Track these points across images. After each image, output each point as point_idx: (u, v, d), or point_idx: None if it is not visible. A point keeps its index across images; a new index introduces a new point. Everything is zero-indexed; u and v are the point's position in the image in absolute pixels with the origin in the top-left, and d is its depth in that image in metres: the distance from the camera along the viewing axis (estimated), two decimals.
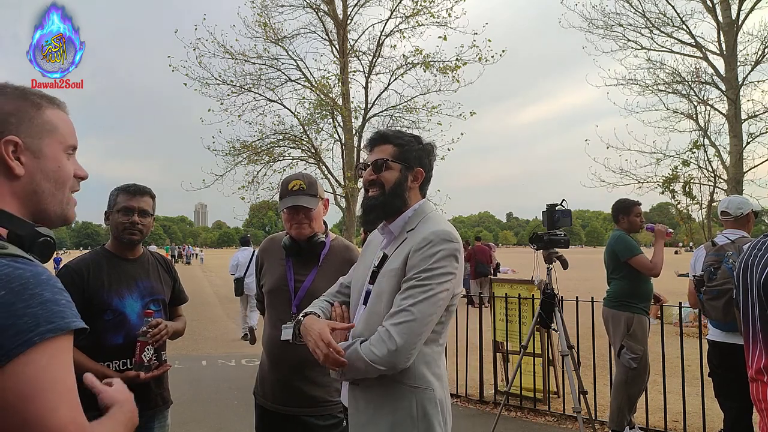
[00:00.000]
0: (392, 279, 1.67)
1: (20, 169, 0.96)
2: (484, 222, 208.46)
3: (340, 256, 2.39)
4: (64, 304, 0.85)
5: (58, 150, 1.03)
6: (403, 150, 1.78)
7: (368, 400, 1.67)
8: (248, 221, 22.96)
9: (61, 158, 1.03)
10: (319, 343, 1.60)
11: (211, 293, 18.60)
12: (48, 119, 1.02)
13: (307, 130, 12.85)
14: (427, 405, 1.63)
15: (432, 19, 12.27)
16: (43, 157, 1.00)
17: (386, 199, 1.76)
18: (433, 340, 1.67)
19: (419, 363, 1.63)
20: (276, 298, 2.35)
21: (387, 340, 1.55)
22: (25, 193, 0.98)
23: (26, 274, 0.83)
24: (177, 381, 4.04)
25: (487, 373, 5.72)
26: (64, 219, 1.06)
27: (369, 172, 1.79)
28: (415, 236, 1.68)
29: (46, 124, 1.01)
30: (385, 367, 1.55)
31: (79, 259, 2.33)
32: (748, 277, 1.65)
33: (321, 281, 2.30)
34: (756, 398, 1.61)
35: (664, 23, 10.44)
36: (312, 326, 1.68)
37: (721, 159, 10.13)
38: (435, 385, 1.66)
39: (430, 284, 1.59)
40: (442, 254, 1.62)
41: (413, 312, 1.56)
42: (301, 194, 2.30)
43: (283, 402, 2.27)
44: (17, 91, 1.01)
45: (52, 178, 1.01)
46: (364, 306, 1.77)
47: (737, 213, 3.60)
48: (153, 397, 2.29)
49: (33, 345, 0.79)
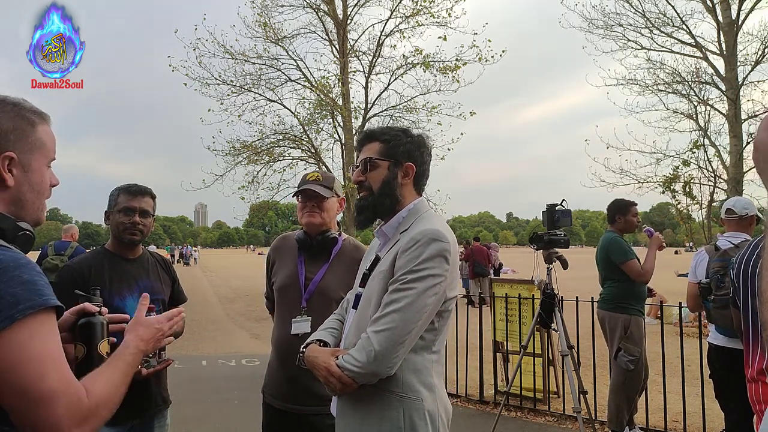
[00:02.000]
0: (381, 281, 1.61)
1: (11, 181, 1.07)
2: (484, 222, 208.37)
3: (350, 255, 2.40)
4: (42, 284, 0.94)
5: (43, 164, 1.14)
6: (390, 146, 1.73)
7: (356, 409, 1.61)
8: (248, 221, 22.96)
9: (44, 171, 1.14)
10: (330, 379, 1.56)
11: (212, 293, 18.60)
12: (39, 137, 1.13)
13: (307, 130, 12.87)
14: (415, 416, 1.55)
15: (432, 19, 12.30)
16: (31, 170, 1.11)
17: (375, 200, 1.71)
18: (423, 347, 1.60)
19: (406, 371, 1.56)
20: (286, 294, 2.36)
21: (367, 346, 1.49)
22: (11, 200, 1.08)
23: (6, 259, 0.92)
24: (177, 381, 4.04)
25: (487, 373, 5.72)
26: (37, 222, 1.15)
27: (357, 173, 1.76)
28: (406, 237, 1.62)
29: (37, 141, 1.12)
30: (368, 375, 1.51)
31: (81, 259, 2.35)
32: (749, 277, 1.65)
33: (331, 278, 2.32)
34: (755, 399, 1.60)
35: (664, 23, 10.45)
36: (316, 359, 1.63)
37: (721, 159, 10.14)
38: (424, 395, 1.57)
39: (414, 287, 1.51)
40: (430, 254, 1.54)
41: (395, 317, 1.49)
42: (316, 183, 2.34)
43: (292, 400, 2.26)
44: (15, 109, 1.10)
45: (35, 189, 1.12)
46: (354, 310, 1.73)
47: (742, 213, 3.58)
48: (153, 397, 2.29)
49: (15, 321, 0.87)
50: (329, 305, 2.27)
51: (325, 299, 2.28)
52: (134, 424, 2.22)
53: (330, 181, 2.38)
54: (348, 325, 1.75)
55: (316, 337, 1.77)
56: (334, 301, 2.28)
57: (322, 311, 2.25)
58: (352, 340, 1.63)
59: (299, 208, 2.39)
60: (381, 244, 1.79)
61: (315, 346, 1.71)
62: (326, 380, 1.58)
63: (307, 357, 1.68)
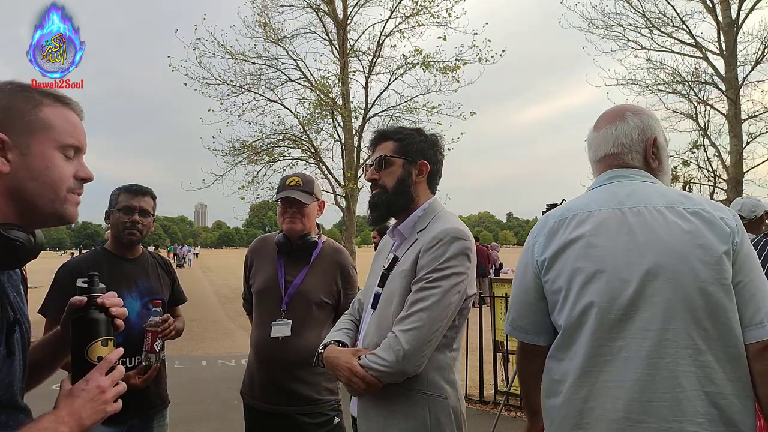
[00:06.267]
0: (403, 280, 1.61)
1: (5, 167, 0.94)
2: (484, 222, 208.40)
3: (330, 257, 2.40)
4: None
5: (49, 148, 0.98)
6: (404, 144, 1.74)
7: (379, 408, 1.60)
8: (248, 221, 22.97)
9: (51, 157, 0.98)
10: (353, 379, 1.55)
11: (212, 293, 18.60)
12: (44, 117, 0.98)
13: (307, 130, 12.85)
14: (440, 413, 1.56)
15: (432, 19, 12.27)
16: (30, 155, 0.96)
17: (389, 197, 1.72)
18: (445, 345, 1.61)
19: (431, 369, 1.57)
20: (266, 297, 2.35)
21: (395, 345, 1.49)
22: (9, 190, 0.95)
23: None
24: (177, 381, 4.05)
25: (487, 373, 5.72)
26: (60, 218, 1.02)
27: (371, 171, 1.77)
28: (426, 236, 1.62)
29: (39, 122, 0.98)
30: (395, 374, 1.51)
31: (79, 259, 2.35)
32: None
33: (311, 281, 2.31)
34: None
35: (664, 23, 10.44)
36: (338, 359, 1.61)
37: (721, 159, 10.14)
38: (448, 392, 1.59)
39: (440, 285, 1.53)
40: (453, 253, 1.55)
41: (422, 316, 1.50)
42: (297, 189, 2.32)
43: (273, 401, 2.27)
44: (16, 88, 0.99)
45: (38, 178, 0.97)
46: (372, 310, 1.72)
47: (751, 216, 3.53)
48: (152, 397, 2.29)
49: None
50: (309, 308, 2.28)
51: (305, 302, 2.28)
52: (133, 424, 2.22)
53: (310, 185, 2.36)
54: (365, 325, 1.74)
55: (333, 338, 1.76)
56: (314, 304, 2.28)
57: (303, 314, 2.26)
58: (372, 339, 1.63)
59: (279, 213, 2.37)
60: (396, 244, 1.79)
61: (334, 347, 1.70)
62: (349, 381, 1.57)
63: (327, 358, 1.67)
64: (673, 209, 1.31)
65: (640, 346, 1.25)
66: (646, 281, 1.26)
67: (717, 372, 1.22)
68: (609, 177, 1.46)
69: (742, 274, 1.27)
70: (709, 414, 1.20)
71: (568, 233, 1.37)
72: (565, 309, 1.34)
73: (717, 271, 1.24)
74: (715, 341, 1.23)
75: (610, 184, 1.44)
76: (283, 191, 2.34)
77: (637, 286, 1.26)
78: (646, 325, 1.25)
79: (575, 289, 1.32)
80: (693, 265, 1.25)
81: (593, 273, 1.30)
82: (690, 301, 1.24)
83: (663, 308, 1.24)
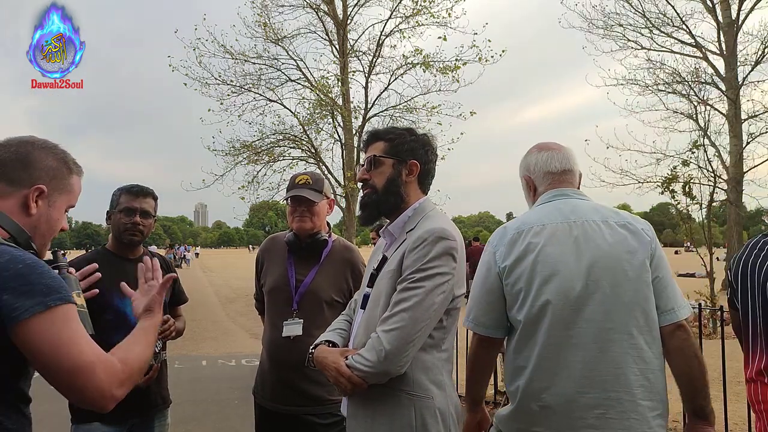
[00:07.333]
0: (389, 281, 1.62)
1: (34, 210, 1.24)
2: (484, 222, 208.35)
3: (340, 256, 2.39)
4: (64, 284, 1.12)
5: (64, 206, 1.31)
6: (394, 144, 1.74)
7: (366, 409, 1.61)
8: (248, 221, 22.95)
9: (62, 213, 1.31)
10: (340, 379, 1.56)
11: (212, 293, 18.60)
12: (71, 183, 1.32)
13: (307, 130, 12.87)
14: (426, 414, 1.56)
15: (432, 19, 12.31)
16: (54, 208, 1.28)
17: (379, 197, 1.72)
18: (432, 345, 1.61)
19: (416, 370, 1.57)
20: (276, 296, 2.35)
21: (377, 346, 1.50)
22: (28, 228, 1.23)
23: (33, 257, 1.10)
24: (177, 381, 4.05)
25: None
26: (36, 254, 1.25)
27: (362, 172, 1.77)
28: (413, 236, 1.63)
29: (68, 186, 1.31)
30: (378, 374, 1.51)
31: (81, 259, 2.34)
32: (749, 277, 1.65)
33: (321, 280, 2.31)
34: (754, 399, 1.61)
35: (664, 23, 10.47)
36: (326, 359, 1.63)
37: (721, 159, 10.16)
38: (434, 393, 1.58)
39: (423, 285, 1.52)
40: (437, 253, 1.55)
41: (404, 317, 1.50)
42: (306, 188, 2.31)
43: (284, 401, 2.26)
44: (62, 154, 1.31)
45: (50, 225, 1.28)
46: (362, 311, 1.73)
47: None
48: (153, 397, 2.29)
49: (48, 307, 1.04)
50: (320, 307, 2.27)
51: (316, 301, 2.28)
52: (134, 423, 2.23)
53: (320, 183, 2.36)
54: (356, 325, 1.75)
55: (324, 338, 1.77)
56: (325, 303, 2.28)
57: (313, 313, 2.26)
58: (361, 340, 1.63)
59: (289, 212, 2.36)
60: (387, 244, 1.79)
61: (324, 347, 1.70)
62: (336, 381, 1.58)
63: (317, 358, 1.68)
64: (607, 222, 1.62)
65: (587, 334, 1.53)
66: (590, 281, 1.54)
67: (647, 352, 1.54)
68: (553, 195, 1.74)
69: (657, 271, 1.59)
70: (643, 386, 1.52)
71: (526, 243, 1.62)
72: (525, 306, 1.59)
73: (642, 271, 1.55)
74: (644, 327, 1.54)
75: (555, 201, 1.72)
76: (293, 189, 2.32)
77: (583, 285, 1.54)
78: (591, 316, 1.53)
79: (533, 290, 1.57)
80: (624, 266, 1.55)
81: (548, 276, 1.57)
82: (623, 295, 1.53)
83: (603, 302, 1.53)
